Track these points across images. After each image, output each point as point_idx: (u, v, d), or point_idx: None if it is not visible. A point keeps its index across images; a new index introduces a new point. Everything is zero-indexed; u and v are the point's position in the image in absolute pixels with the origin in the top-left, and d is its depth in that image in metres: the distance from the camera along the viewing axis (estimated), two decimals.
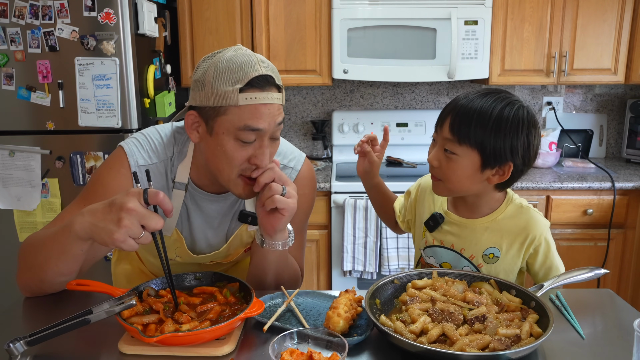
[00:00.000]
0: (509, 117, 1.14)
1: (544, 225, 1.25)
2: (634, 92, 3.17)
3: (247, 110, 1.10)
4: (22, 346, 0.94)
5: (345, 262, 2.59)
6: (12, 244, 2.40)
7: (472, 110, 1.15)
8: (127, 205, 0.95)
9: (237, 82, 1.08)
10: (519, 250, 1.26)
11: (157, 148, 1.27)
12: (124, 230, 0.95)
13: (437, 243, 1.33)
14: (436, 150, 1.21)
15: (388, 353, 0.99)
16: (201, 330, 0.95)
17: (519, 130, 1.15)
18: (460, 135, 1.16)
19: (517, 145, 1.15)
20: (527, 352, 0.91)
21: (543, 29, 2.74)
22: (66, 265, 1.11)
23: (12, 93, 2.30)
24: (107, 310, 0.98)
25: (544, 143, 2.90)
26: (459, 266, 1.30)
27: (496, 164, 1.17)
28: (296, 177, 1.34)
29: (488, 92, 1.18)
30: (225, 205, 1.32)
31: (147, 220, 0.96)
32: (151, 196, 0.97)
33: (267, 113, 1.11)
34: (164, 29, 2.64)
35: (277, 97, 1.13)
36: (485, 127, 1.14)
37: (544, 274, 1.29)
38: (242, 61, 1.11)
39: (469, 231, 1.28)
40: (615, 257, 2.67)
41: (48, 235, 1.12)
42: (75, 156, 2.34)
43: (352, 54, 2.71)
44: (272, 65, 1.16)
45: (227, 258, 1.38)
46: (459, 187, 1.21)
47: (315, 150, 3.27)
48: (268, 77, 1.11)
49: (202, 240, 1.33)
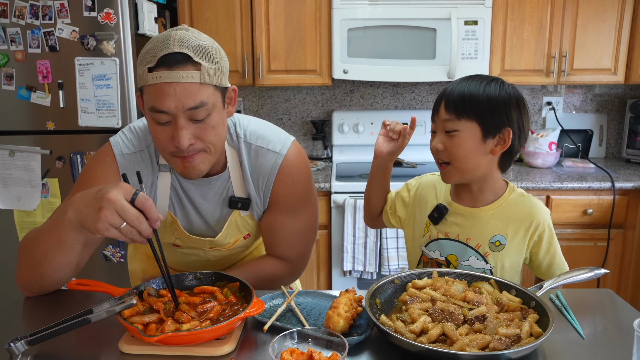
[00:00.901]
0: (498, 93, 1.21)
1: (546, 213, 1.29)
2: (634, 92, 3.17)
3: (152, 90, 1.09)
4: (23, 346, 0.94)
5: (345, 262, 2.59)
6: (12, 244, 2.40)
7: (463, 90, 1.22)
8: (108, 195, 0.96)
9: (149, 62, 1.08)
10: (524, 237, 1.28)
11: (139, 135, 1.29)
12: (104, 219, 0.96)
13: (442, 235, 1.33)
14: (438, 135, 1.26)
15: (388, 353, 0.99)
16: (201, 329, 0.95)
17: (510, 103, 1.22)
18: (457, 111, 1.21)
19: (511, 113, 1.22)
20: (527, 351, 0.91)
21: (543, 29, 2.74)
22: (63, 258, 1.12)
23: (12, 93, 2.30)
24: (107, 309, 0.98)
25: (543, 143, 2.91)
26: (465, 257, 1.30)
27: (496, 132, 1.22)
28: (282, 162, 1.30)
29: (472, 76, 1.25)
30: (211, 192, 1.31)
31: (125, 214, 0.96)
32: (140, 199, 0.98)
33: (172, 93, 1.07)
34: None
35: (190, 75, 1.07)
36: (479, 101, 1.20)
37: (548, 264, 1.30)
38: (158, 40, 1.10)
39: (474, 220, 1.29)
40: (615, 257, 2.67)
41: (44, 229, 1.13)
42: (76, 156, 2.34)
43: (352, 54, 2.71)
44: (200, 43, 1.10)
45: (226, 246, 1.38)
46: (468, 165, 1.24)
47: (315, 150, 3.27)
48: (179, 55, 1.07)
49: (198, 223, 1.34)
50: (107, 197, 0.96)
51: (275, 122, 3.20)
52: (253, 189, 1.31)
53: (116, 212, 0.96)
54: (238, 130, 1.31)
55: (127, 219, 0.96)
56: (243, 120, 1.34)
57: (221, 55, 1.15)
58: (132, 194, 0.98)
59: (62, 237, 1.08)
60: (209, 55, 1.11)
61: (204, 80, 1.09)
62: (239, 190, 1.32)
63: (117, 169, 1.25)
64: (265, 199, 1.33)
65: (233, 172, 1.30)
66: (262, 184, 1.31)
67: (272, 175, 1.30)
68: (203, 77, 1.09)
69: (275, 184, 1.31)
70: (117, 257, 2.41)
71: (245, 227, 1.37)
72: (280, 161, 1.30)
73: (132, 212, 0.97)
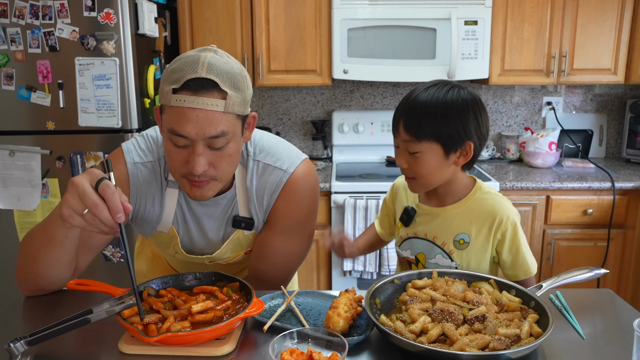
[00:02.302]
0: (453, 101, 1.20)
1: (511, 211, 1.27)
2: (634, 92, 3.17)
3: (174, 112, 1.06)
4: (23, 346, 0.94)
5: (345, 262, 2.59)
6: (12, 244, 2.40)
7: (419, 106, 1.21)
8: (73, 178, 0.94)
9: (174, 83, 1.06)
10: (488, 235, 1.28)
11: (152, 147, 1.27)
12: (66, 203, 0.93)
13: (412, 234, 1.36)
14: (401, 154, 1.26)
15: (388, 353, 0.99)
16: (201, 330, 0.95)
17: (466, 111, 1.21)
18: (416, 133, 1.21)
19: (469, 124, 1.21)
20: (527, 351, 0.91)
21: (543, 29, 2.74)
22: (54, 254, 1.11)
23: (12, 93, 2.30)
24: (107, 310, 0.98)
25: (543, 143, 2.91)
26: (432, 255, 1.32)
27: (457, 147, 1.22)
28: (287, 180, 1.26)
29: (431, 84, 1.24)
30: (217, 210, 1.29)
31: (85, 199, 0.92)
32: (102, 187, 0.93)
33: (194, 119, 1.05)
34: (164, 29, 2.64)
35: (215, 103, 1.05)
36: (436, 117, 1.19)
37: (511, 264, 1.29)
38: (187, 61, 1.07)
39: (440, 219, 1.31)
40: (615, 257, 2.67)
41: (39, 227, 1.13)
42: (76, 156, 2.34)
43: (352, 54, 2.71)
44: (228, 69, 1.07)
45: (227, 260, 1.38)
46: (432, 180, 1.26)
47: (315, 150, 3.27)
48: (207, 81, 1.05)
49: (200, 241, 1.33)
50: (71, 181, 0.93)
51: (275, 122, 3.21)
52: (256, 206, 1.28)
53: (78, 197, 0.93)
54: (249, 148, 1.27)
55: (87, 205, 0.92)
56: (255, 136, 1.30)
57: (247, 84, 1.12)
58: (96, 178, 0.94)
59: (51, 234, 1.08)
60: (236, 84, 1.08)
61: (227, 109, 1.07)
62: (243, 209, 1.29)
63: (127, 177, 1.24)
64: (265, 215, 1.30)
65: (239, 191, 1.28)
66: (264, 202, 1.28)
67: (275, 193, 1.26)
68: (227, 106, 1.07)
69: (277, 202, 1.27)
70: (117, 257, 2.41)
71: (248, 244, 1.35)
72: (285, 179, 1.26)
73: (92, 198, 0.92)
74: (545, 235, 2.63)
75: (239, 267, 1.49)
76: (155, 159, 1.26)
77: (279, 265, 1.34)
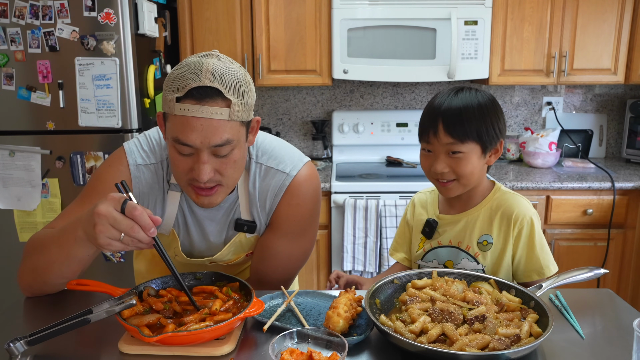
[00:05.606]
0: (486, 102, 1.27)
1: (527, 209, 1.29)
2: (634, 92, 3.17)
3: (178, 121, 1.06)
4: (22, 346, 0.94)
5: (345, 262, 2.59)
6: (12, 244, 2.40)
7: (457, 109, 1.24)
8: (98, 209, 0.96)
9: (177, 91, 1.05)
10: (507, 233, 1.29)
11: (155, 148, 1.27)
12: (101, 234, 0.96)
13: (435, 245, 1.36)
14: (439, 158, 1.26)
15: (388, 353, 0.99)
16: (201, 329, 0.95)
17: (495, 110, 1.28)
18: (460, 134, 1.23)
19: (500, 123, 1.29)
20: (526, 351, 0.91)
21: (543, 29, 2.74)
22: (70, 269, 1.12)
23: (12, 93, 2.30)
24: (107, 310, 0.98)
25: (543, 143, 2.91)
26: (458, 260, 1.32)
27: (493, 146, 1.28)
28: (290, 184, 1.26)
29: (454, 90, 1.29)
30: (219, 213, 1.29)
31: (119, 225, 0.95)
32: (128, 209, 0.96)
33: (198, 128, 1.04)
34: (164, 29, 2.64)
35: (219, 112, 1.05)
36: (475, 118, 1.24)
37: (525, 262, 1.28)
38: (190, 69, 1.05)
39: (463, 223, 1.33)
40: (615, 257, 2.67)
41: (52, 238, 1.12)
42: (76, 156, 2.34)
43: (352, 54, 2.71)
44: (231, 76, 1.07)
45: (227, 261, 1.38)
46: (472, 179, 1.29)
47: (315, 150, 3.27)
48: (210, 90, 1.04)
49: (200, 243, 1.33)
50: (97, 212, 0.95)
51: (275, 122, 3.21)
52: (258, 210, 1.28)
53: (110, 225, 0.95)
54: (251, 150, 1.27)
55: (122, 230, 0.95)
56: (258, 139, 1.29)
57: (251, 89, 1.12)
58: (120, 202, 0.96)
59: (72, 252, 1.08)
60: (239, 90, 1.07)
61: (232, 117, 1.06)
62: (245, 212, 1.29)
63: (129, 178, 1.24)
64: (268, 218, 1.30)
65: (241, 194, 1.28)
66: (267, 205, 1.28)
67: (277, 196, 1.27)
68: (232, 114, 1.06)
69: (280, 205, 1.27)
70: (117, 257, 2.41)
71: (249, 247, 1.35)
72: (288, 182, 1.26)
73: (125, 222, 0.95)
74: (545, 235, 2.61)
75: (239, 268, 1.49)
76: (158, 161, 1.26)
77: (281, 267, 1.34)
